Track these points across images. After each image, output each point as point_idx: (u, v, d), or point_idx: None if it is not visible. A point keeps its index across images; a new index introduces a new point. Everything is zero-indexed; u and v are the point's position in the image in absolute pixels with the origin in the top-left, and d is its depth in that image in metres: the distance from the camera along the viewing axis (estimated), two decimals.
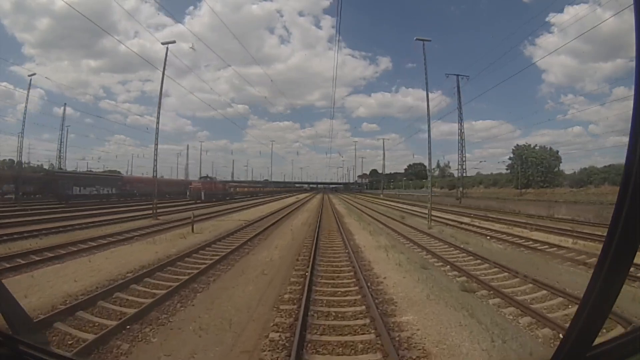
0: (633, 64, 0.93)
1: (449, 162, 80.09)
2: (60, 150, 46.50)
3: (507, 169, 54.83)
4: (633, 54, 0.93)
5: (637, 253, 0.83)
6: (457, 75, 38.87)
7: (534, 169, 46.79)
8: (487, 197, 38.99)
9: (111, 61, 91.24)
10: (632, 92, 0.82)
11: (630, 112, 0.94)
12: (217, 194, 38.10)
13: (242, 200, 39.72)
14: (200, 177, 41.86)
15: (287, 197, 60.24)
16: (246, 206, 26.00)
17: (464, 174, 46.77)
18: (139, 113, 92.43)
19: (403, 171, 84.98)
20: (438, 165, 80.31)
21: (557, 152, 45.94)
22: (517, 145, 53.94)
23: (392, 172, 77.41)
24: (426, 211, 22.55)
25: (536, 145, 49.99)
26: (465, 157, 45.20)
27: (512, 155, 54.02)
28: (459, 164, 45.26)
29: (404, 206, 30.06)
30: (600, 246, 0.91)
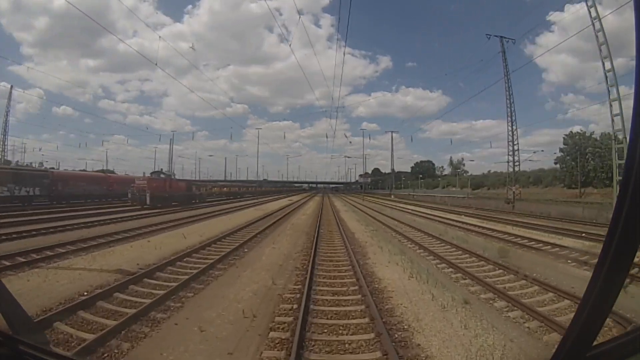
0: (634, 63, 0.85)
1: (462, 159, 76.33)
2: (3, 141, 41.73)
3: (555, 163, 47.05)
4: (633, 53, 0.87)
5: (638, 253, 0.84)
6: (502, 37, 34.20)
7: (596, 163, 39.13)
8: (540, 200, 32.80)
9: (110, 60, 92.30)
10: (633, 92, 0.84)
11: (631, 112, 0.86)
12: (176, 196, 30.48)
13: (213, 204, 33.33)
14: (152, 172, 32.46)
15: (279, 198, 53.94)
16: (205, 216, 20.03)
17: (517, 167, 35.70)
18: (137, 113, 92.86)
19: (410, 170, 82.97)
20: (451, 163, 76.41)
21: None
22: (570, 132, 45.39)
23: (395, 171, 76.13)
24: (498, 227, 16.18)
25: (593, 132, 42.40)
26: (517, 145, 34.86)
27: (562, 146, 45.53)
28: (508, 154, 35.49)
29: (446, 215, 22.57)
30: None
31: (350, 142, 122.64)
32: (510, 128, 34.91)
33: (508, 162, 35.40)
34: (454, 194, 51.31)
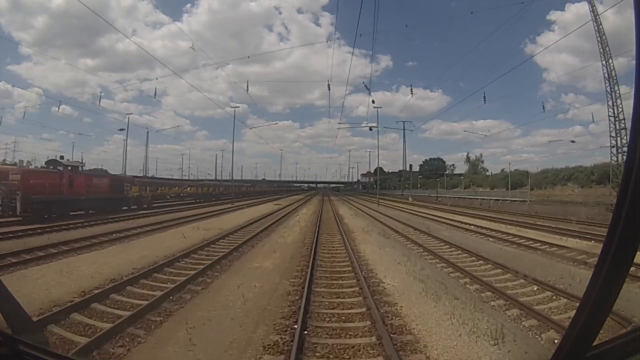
0: (634, 62, 0.92)
1: (481, 155, 73.32)
2: None
3: None
4: (634, 52, 0.92)
5: (638, 253, 0.88)
6: None
7: None
8: None
9: (109, 60, 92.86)
10: (633, 91, 0.87)
11: (631, 112, 0.90)
12: (84, 200, 22.46)
13: (156, 213, 25.96)
14: (47, 161, 23.94)
15: (265, 202, 45.43)
16: (73, 247, 11.89)
17: (620, 153, 28.25)
18: (137, 112, 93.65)
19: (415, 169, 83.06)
20: (467, 159, 73.78)
21: None
22: None
23: (398, 170, 75.84)
24: None
25: None
26: (624, 121, 26.72)
27: None
28: (610, 136, 27.41)
29: (569, 243, 13.74)
30: None
31: (373, 103, 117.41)
32: (610, 93, 26.62)
33: (611, 146, 27.46)
34: (502, 196, 42.93)
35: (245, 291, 6.98)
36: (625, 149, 28.18)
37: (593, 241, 13.88)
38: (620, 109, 26.38)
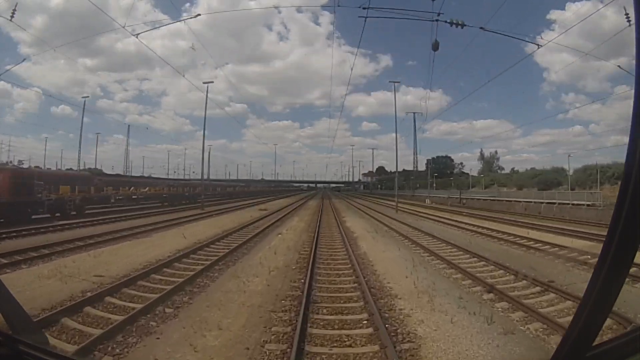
0: (634, 62, 0.94)
1: (496, 152, 68.92)
2: None
3: None
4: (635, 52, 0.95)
5: (638, 253, 0.90)
6: None
7: None
8: None
9: (108, 60, 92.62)
10: (633, 91, 0.89)
11: (631, 111, 0.93)
12: None
13: (48, 229, 16.99)
14: None
15: (249, 205, 40.03)
16: None
17: None
18: (137, 112, 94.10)
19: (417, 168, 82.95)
20: (482, 157, 69.89)
21: None
22: None
23: (402, 169, 75.56)
24: None
25: None
26: None
27: None
28: None
29: None
30: None
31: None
32: None
33: None
34: (560, 198, 34.56)
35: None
36: None
37: None
38: None
